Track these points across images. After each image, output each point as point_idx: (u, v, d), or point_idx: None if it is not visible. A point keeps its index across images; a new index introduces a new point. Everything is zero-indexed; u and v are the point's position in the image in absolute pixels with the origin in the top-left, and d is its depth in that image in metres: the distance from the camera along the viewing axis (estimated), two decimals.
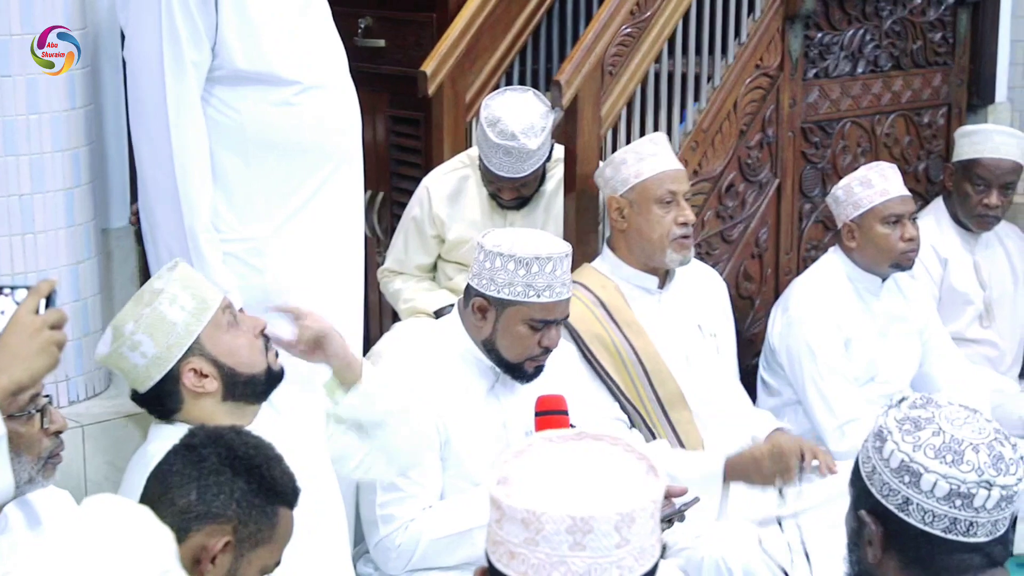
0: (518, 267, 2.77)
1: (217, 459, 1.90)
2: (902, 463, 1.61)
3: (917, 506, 1.61)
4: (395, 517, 2.81)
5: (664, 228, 3.31)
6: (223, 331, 2.38)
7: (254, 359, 2.40)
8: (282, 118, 2.82)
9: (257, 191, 2.84)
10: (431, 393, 2.81)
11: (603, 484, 1.39)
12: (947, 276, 4.12)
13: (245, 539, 1.89)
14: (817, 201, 4.08)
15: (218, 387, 2.37)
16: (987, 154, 4.06)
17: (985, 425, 1.64)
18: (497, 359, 2.87)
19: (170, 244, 2.77)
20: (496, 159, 3.57)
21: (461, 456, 2.85)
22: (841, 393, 3.56)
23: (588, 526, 1.35)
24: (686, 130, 3.83)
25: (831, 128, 4.14)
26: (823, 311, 3.61)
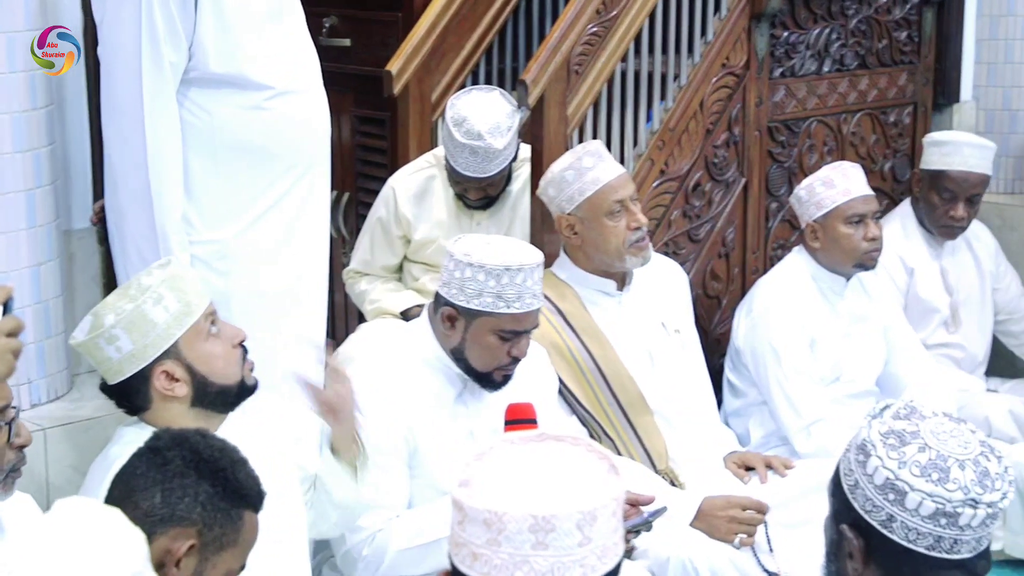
0: (488, 277, 2.76)
1: (182, 462, 1.91)
2: (887, 480, 1.60)
3: (901, 524, 1.61)
4: (362, 527, 2.80)
5: (619, 238, 3.31)
6: (202, 338, 2.39)
7: (229, 370, 2.41)
8: (253, 122, 2.82)
9: (224, 194, 2.84)
10: (399, 400, 2.82)
11: (565, 483, 1.41)
12: (913, 285, 4.13)
13: (210, 543, 1.89)
14: (783, 200, 4.11)
15: (188, 393, 2.37)
16: (955, 167, 4.07)
17: (971, 438, 1.63)
18: (466, 367, 2.87)
19: (140, 244, 2.77)
20: (462, 159, 3.58)
21: (429, 464, 2.86)
22: (806, 393, 3.58)
23: (550, 525, 1.37)
24: (653, 129, 3.85)
25: (797, 127, 4.17)
26: (787, 311, 3.63)
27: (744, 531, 3.10)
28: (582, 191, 3.31)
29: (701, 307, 3.93)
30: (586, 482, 1.41)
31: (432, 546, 2.76)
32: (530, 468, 1.44)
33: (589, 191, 3.31)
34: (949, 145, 4.09)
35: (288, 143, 2.87)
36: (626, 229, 3.31)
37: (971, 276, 4.24)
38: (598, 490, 1.40)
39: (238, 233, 2.86)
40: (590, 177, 3.31)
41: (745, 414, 3.74)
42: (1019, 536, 3.52)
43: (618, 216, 3.31)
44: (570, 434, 1.52)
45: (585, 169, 3.32)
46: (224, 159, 2.81)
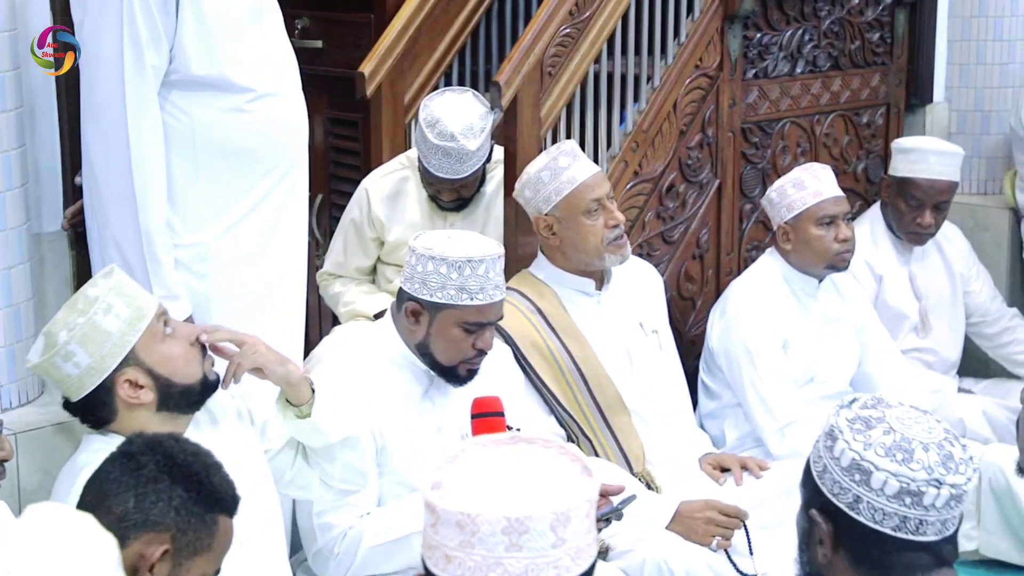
0: (450, 270, 2.80)
1: (155, 466, 1.91)
2: (853, 461, 1.64)
3: (867, 504, 1.64)
4: (333, 525, 2.83)
5: (597, 236, 3.34)
6: (158, 340, 2.39)
7: (190, 369, 2.41)
8: (234, 124, 2.83)
9: (205, 197, 2.84)
10: (366, 398, 2.83)
11: (538, 485, 1.42)
12: (882, 292, 4.15)
13: (184, 548, 1.89)
14: (757, 201, 4.13)
15: (153, 398, 2.37)
16: (921, 174, 4.08)
17: (935, 425, 1.67)
18: (431, 362, 2.90)
19: (123, 248, 2.77)
20: (435, 160, 3.59)
21: (397, 462, 2.88)
22: (780, 395, 3.61)
23: (523, 526, 1.38)
24: (626, 131, 3.86)
25: (771, 128, 4.20)
26: (760, 313, 3.66)
27: (721, 534, 3.12)
28: (559, 191, 3.34)
29: (675, 309, 3.95)
30: (559, 483, 1.43)
31: (403, 542, 2.79)
32: (503, 470, 1.45)
33: (566, 190, 3.33)
34: (915, 152, 4.11)
35: (269, 145, 2.88)
36: (604, 227, 3.33)
37: (941, 280, 4.27)
38: (571, 491, 1.42)
39: (219, 235, 2.86)
40: (566, 176, 3.33)
41: (720, 416, 3.76)
42: (994, 536, 3.55)
43: (595, 215, 3.33)
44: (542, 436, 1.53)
45: (561, 169, 3.34)
46: (205, 162, 2.81)
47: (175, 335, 2.42)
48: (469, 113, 3.58)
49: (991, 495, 3.54)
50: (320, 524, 2.84)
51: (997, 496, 3.53)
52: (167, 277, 2.76)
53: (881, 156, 4.49)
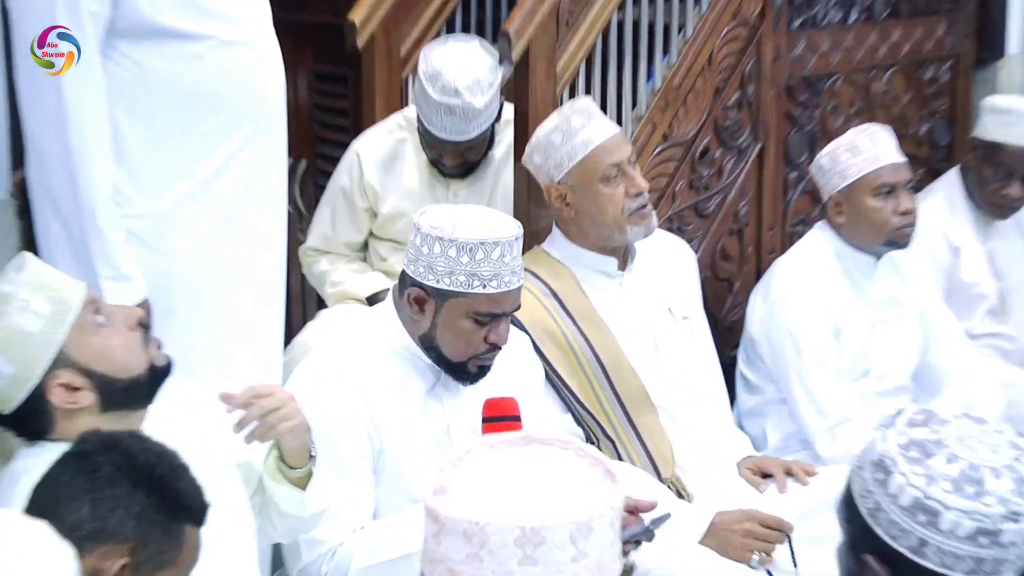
0: (460, 253, 2.77)
1: (113, 468, 1.91)
2: (915, 500, 1.61)
3: (935, 548, 1.61)
4: (320, 541, 2.81)
5: (617, 206, 3.32)
6: (91, 333, 2.34)
7: (132, 359, 2.37)
8: (192, 75, 2.82)
9: (161, 159, 2.84)
10: (362, 396, 2.82)
11: (555, 490, 1.42)
12: (957, 267, 4.16)
13: (145, 561, 1.89)
14: (804, 169, 4.13)
15: (94, 399, 2.33)
16: (1015, 140, 4.07)
17: (999, 440, 1.64)
18: (437, 357, 2.87)
19: (67, 222, 2.77)
20: (437, 120, 3.59)
21: (397, 468, 2.86)
22: (831, 390, 3.60)
23: (540, 537, 1.38)
24: (654, 88, 3.86)
25: (820, 85, 4.19)
26: (808, 295, 3.65)
27: (762, 549, 3.12)
28: (572, 155, 3.32)
29: (710, 292, 3.95)
30: (579, 489, 1.42)
31: (402, 562, 2.77)
32: (515, 474, 1.45)
33: (580, 154, 3.32)
34: (1011, 115, 4.10)
35: (234, 99, 2.87)
36: (624, 196, 3.32)
37: (1022, 260, 4.26)
38: (593, 498, 1.41)
39: (178, 203, 2.85)
40: (580, 138, 3.32)
41: (761, 413, 3.76)
42: None
43: (615, 182, 3.32)
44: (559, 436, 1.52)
45: (574, 130, 3.32)
46: (160, 119, 2.81)
47: (110, 323, 2.38)
48: (476, 65, 3.58)
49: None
50: (306, 539, 2.82)
51: None
52: (114, 254, 2.75)
53: (947, 117, 4.48)
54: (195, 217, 2.87)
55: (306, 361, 2.96)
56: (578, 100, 3.43)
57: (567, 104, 3.44)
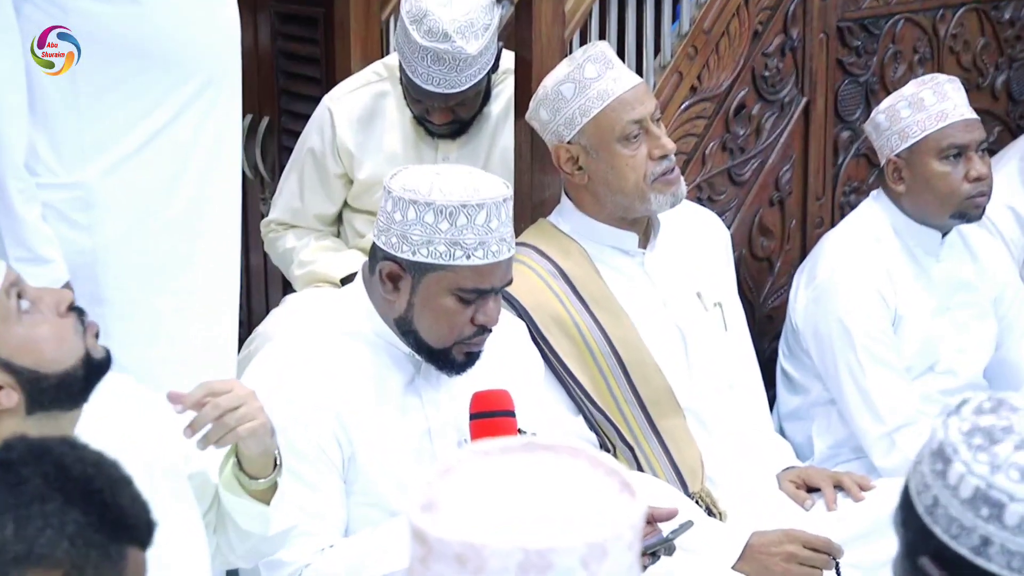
0: (439, 219, 2.79)
1: (43, 481, 1.91)
2: (977, 490, 1.62)
3: (1000, 548, 1.62)
4: (284, 563, 2.84)
5: (639, 171, 3.33)
6: (12, 322, 2.35)
7: (63, 349, 2.38)
8: (124, 21, 2.83)
9: (87, 121, 2.85)
10: (328, 392, 2.85)
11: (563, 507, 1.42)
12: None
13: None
14: (859, 127, 4.14)
15: (19, 399, 2.35)
16: None
17: None
18: (416, 343, 2.90)
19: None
20: (422, 69, 3.60)
21: (371, 476, 2.89)
22: (889, 389, 3.62)
23: (546, 561, 1.38)
24: (680, 32, 3.87)
25: (877, 28, 4.19)
26: (863, 278, 3.66)
27: (806, 575, 3.13)
28: (585, 110, 3.33)
29: (747, 273, 3.97)
30: (592, 505, 1.43)
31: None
32: (516, 487, 1.45)
33: (595, 109, 3.33)
34: None
35: (175, 49, 2.88)
36: (647, 159, 3.33)
37: None
38: (608, 515, 1.42)
39: (106, 172, 2.87)
40: (595, 90, 3.33)
41: (806, 416, 3.78)
42: None
43: (636, 142, 3.33)
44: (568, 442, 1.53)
45: (588, 81, 3.33)
46: (86, 74, 2.83)
47: (36, 309, 2.40)
48: (468, 4, 3.58)
49: None
50: (267, 562, 2.85)
51: None
52: (27, 233, 2.77)
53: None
54: (126, 188, 2.88)
55: (262, 354, 2.97)
56: (593, 45, 3.44)
57: (580, 50, 3.45)
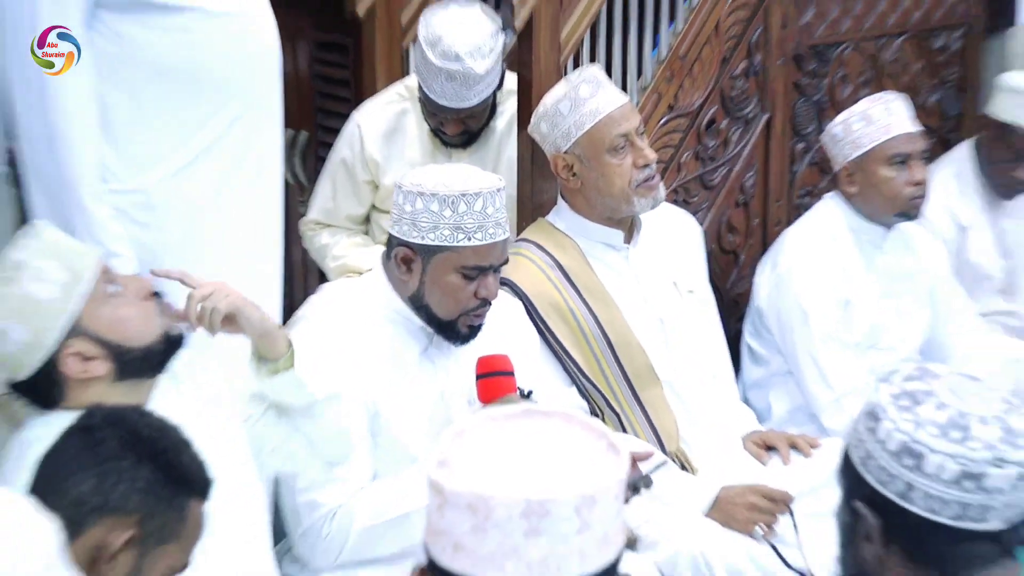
0: (443, 207, 2.81)
1: (118, 443, 1.92)
2: (902, 444, 1.64)
3: (922, 492, 1.64)
4: (320, 503, 2.85)
5: (624, 177, 3.33)
6: (104, 303, 2.37)
7: (146, 328, 2.41)
8: (178, 48, 2.81)
9: (148, 134, 2.83)
10: (354, 361, 2.86)
11: (559, 463, 1.43)
12: (964, 246, 4.15)
13: (149, 535, 1.91)
14: (812, 140, 4.13)
15: (109, 369, 2.37)
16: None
17: (991, 394, 1.68)
18: (428, 317, 2.92)
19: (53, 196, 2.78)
20: (437, 86, 3.59)
21: (393, 430, 2.90)
22: (838, 362, 3.62)
23: (545, 509, 1.39)
24: (660, 57, 3.85)
25: (828, 54, 4.18)
26: (818, 267, 3.66)
27: (766, 521, 3.14)
28: (580, 124, 3.33)
29: (716, 264, 3.96)
30: (583, 461, 1.44)
31: (402, 520, 2.81)
32: (518, 446, 1.46)
33: (588, 124, 3.33)
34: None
35: (223, 73, 2.86)
36: (632, 167, 3.33)
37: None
38: (598, 470, 1.43)
39: (165, 179, 2.85)
40: (588, 108, 3.33)
41: (766, 385, 3.78)
42: None
43: (622, 152, 3.33)
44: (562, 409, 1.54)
45: (582, 99, 3.33)
46: (146, 92, 2.80)
47: (124, 293, 2.41)
48: (477, 30, 3.57)
49: None
50: (306, 502, 2.86)
51: None
52: (100, 231, 2.76)
53: (957, 86, 4.47)
54: (182, 192, 2.86)
55: (298, 329, 2.98)
56: (586, 68, 3.43)
57: (575, 72, 3.44)
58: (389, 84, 3.94)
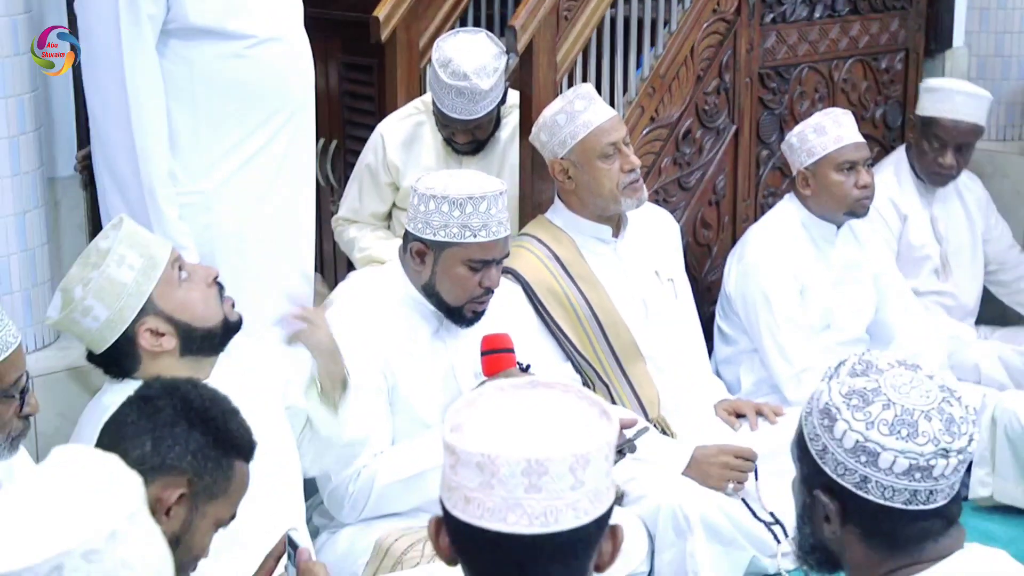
0: (452, 208, 2.81)
1: (173, 411, 1.91)
2: (857, 443, 1.62)
3: (876, 483, 1.62)
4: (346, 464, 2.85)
5: (612, 180, 3.33)
6: (175, 286, 2.39)
7: (209, 312, 2.42)
8: (234, 70, 2.82)
9: (206, 144, 2.84)
10: (375, 338, 2.86)
11: (557, 428, 1.42)
12: (905, 232, 4.15)
13: (200, 492, 1.90)
14: (774, 147, 4.12)
15: (175, 344, 2.38)
16: (946, 115, 4.06)
17: (930, 385, 1.65)
18: (438, 303, 2.92)
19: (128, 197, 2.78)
20: (448, 100, 3.58)
21: (410, 401, 2.90)
22: (797, 342, 3.61)
23: (543, 468, 1.38)
24: (643, 76, 3.84)
25: (788, 74, 4.17)
26: (779, 259, 3.65)
27: (735, 478, 3.13)
28: (574, 134, 3.32)
29: (692, 255, 3.94)
30: (578, 426, 1.43)
31: (417, 479, 2.81)
32: (522, 413, 1.45)
33: (581, 134, 3.32)
34: (942, 92, 4.09)
35: (270, 89, 2.87)
36: (620, 171, 3.32)
37: (961, 225, 4.26)
38: (591, 434, 1.42)
39: (221, 183, 2.86)
40: (582, 120, 3.32)
41: (735, 362, 3.76)
42: (1008, 483, 3.55)
43: (611, 159, 3.32)
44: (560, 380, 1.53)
45: (577, 112, 3.33)
46: (205, 108, 2.81)
47: (191, 279, 2.42)
48: (482, 53, 3.57)
49: (1006, 441, 3.54)
50: None
51: (1012, 442, 3.53)
52: (171, 228, 2.77)
53: (900, 102, 4.46)
54: (236, 194, 2.87)
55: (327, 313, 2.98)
56: (580, 86, 3.43)
57: (570, 90, 3.44)
58: (408, 100, 3.93)
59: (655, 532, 3.04)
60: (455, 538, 1.45)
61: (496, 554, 1.41)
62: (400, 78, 4.04)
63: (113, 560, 1.21)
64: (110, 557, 1.21)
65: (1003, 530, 3.45)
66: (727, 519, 3.09)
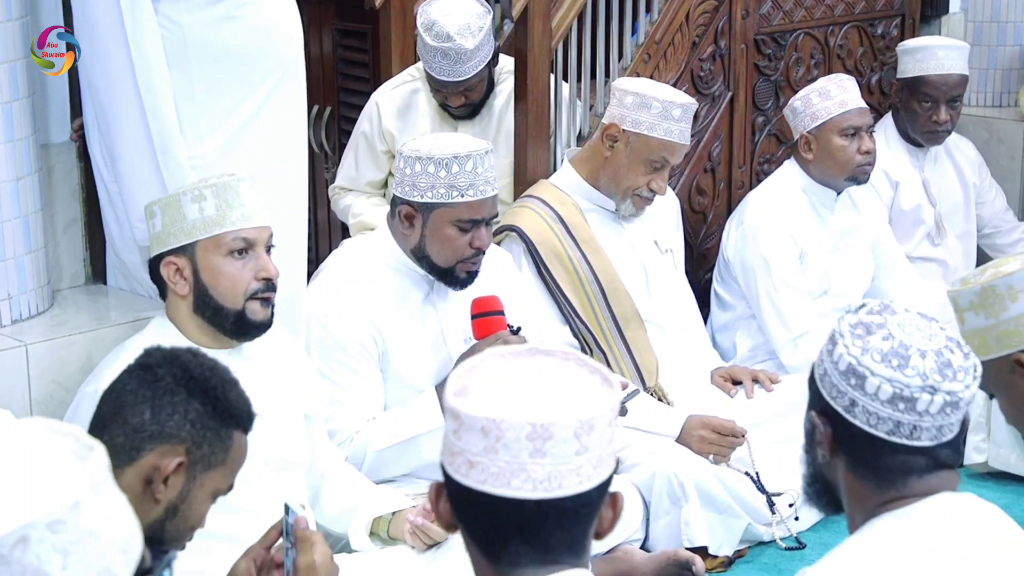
0: (438, 168, 2.81)
1: (172, 379, 1.90)
2: (849, 366, 1.65)
3: (862, 408, 1.65)
4: (340, 431, 2.87)
5: (635, 184, 3.35)
6: (221, 253, 2.47)
7: (233, 294, 2.48)
8: (225, 31, 2.80)
9: (203, 108, 2.82)
10: (365, 304, 2.87)
11: (560, 394, 1.42)
12: (898, 198, 4.15)
13: (198, 461, 1.89)
14: (770, 114, 4.11)
15: (188, 295, 2.48)
16: (932, 71, 4.06)
17: (938, 332, 1.67)
18: (429, 266, 2.91)
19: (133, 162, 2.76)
20: (435, 63, 3.55)
21: (400, 366, 2.91)
22: (795, 307, 3.61)
23: (548, 433, 1.38)
24: (638, 42, 3.83)
25: (784, 40, 4.16)
26: (778, 224, 3.65)
27: (714, 451, 3.15)
28: (653, 128, 3.33)
29: (687, 222, 3.94)
30: (581, 392, 1.42)
31: (410, 443, 2.82)
32: (525, 379, 1.44)
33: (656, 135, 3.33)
34: (923, 51, 4.09)
35: (263, 50, 2.86)
36: (646, 186, 3.36)
37: (954, 187, 4.26)
38: (594, 400, 1.41)
39: (218, 148, 2.84)
40: (669, 127, 3.33)
41: (732, 327, 3.77)
42: (1003, 448, 3.56)
43: (652, 171, 3.35)
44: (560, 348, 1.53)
45: (673, 119, 3.34)
46: (199, 71, 2.80)
47: (246, 264, 2.48)
48: (465, 12, 3.54)
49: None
50: (328, 430, 2.86)
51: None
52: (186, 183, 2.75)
53: (895, 68, 4.44)
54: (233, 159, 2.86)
55: (317, 280, 2.99)
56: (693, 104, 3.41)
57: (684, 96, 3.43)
58: (403, 67, 3.91)
59: (650, 499, 3.06)
60: (456, 503, 1.44)
61: (498, 519, 1.40)
62: (395, 44, 4.01)
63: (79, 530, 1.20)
64: (75, 527, 1.20)
65: (998, 496, 3.45)
66: (722, 487, 3.10)
